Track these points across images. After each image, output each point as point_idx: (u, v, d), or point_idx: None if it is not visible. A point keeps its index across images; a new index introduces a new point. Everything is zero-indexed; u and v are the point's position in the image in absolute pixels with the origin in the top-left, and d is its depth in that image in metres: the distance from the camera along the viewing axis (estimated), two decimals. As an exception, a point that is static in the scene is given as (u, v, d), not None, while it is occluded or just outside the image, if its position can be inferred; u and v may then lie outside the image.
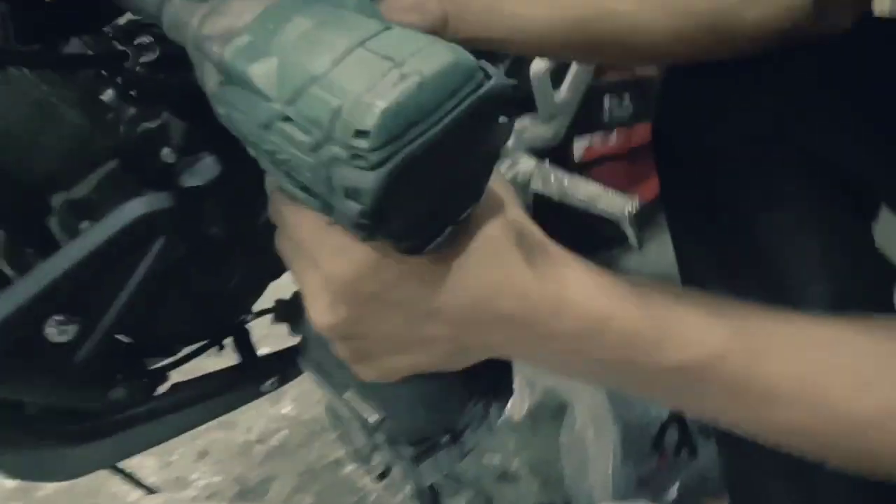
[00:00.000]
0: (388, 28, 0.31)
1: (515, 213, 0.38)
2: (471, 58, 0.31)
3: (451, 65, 0.30)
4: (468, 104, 0.31)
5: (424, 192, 0.32)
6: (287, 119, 0.30)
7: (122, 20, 0.54)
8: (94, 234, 0.48)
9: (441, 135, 0.30)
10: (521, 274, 0.37)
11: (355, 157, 0.29)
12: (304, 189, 0.32)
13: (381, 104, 0.28)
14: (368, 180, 0.29)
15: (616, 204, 0.77)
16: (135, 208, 0.49)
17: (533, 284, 0.37)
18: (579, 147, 1.08)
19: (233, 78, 0.32)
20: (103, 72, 0.54)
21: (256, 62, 0.31)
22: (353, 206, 0.30)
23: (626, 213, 0.76)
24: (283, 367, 0.66)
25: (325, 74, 0.29)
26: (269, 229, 0.60)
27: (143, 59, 0.53)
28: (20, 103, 0.50)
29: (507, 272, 0.36)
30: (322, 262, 0.35)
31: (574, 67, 0.96)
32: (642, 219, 0.79)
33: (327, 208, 0.32)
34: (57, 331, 0.47)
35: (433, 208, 0.34)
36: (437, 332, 0.38)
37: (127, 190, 0.54)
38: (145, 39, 0.52)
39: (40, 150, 0.53)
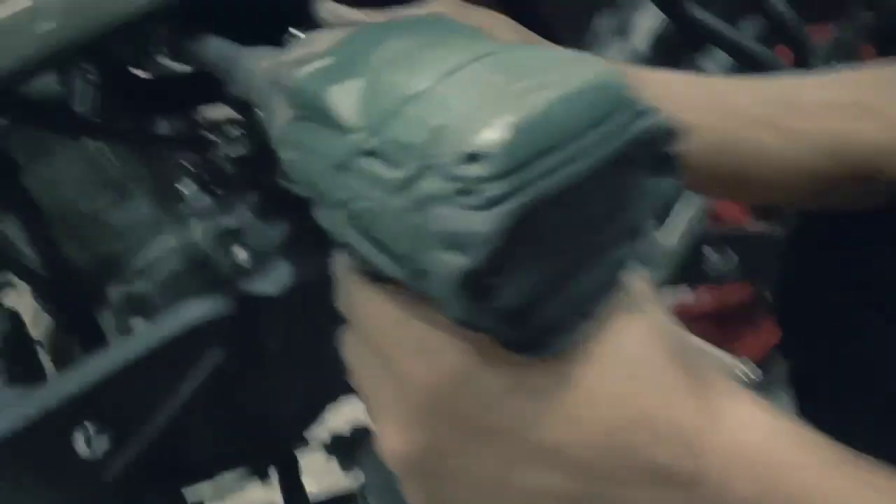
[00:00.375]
0: (514, 47, 0.25)
1: (662, 316, 0.29)
2: (626, 81, 0.24)
3: (602, 84, 0.23)
4: (622, 140, 0.23)
5: (551, 256, 0.24)
6: (370, 154, 0.23)
7: (212, 112, 0.52)
8: (146, 335, 0.42)
9: (583, 175, 0.22)
10: (680, 406, 0.27)
11: (462, 191, 0.21)
12: (385, 250, 0.24)
13: (505, 118, 0.21)
14: (480, 223, 0.21)
15: (725, 364, 0.68)
16: (195, 311, 0.43)
17: (697, 422, 0.27)
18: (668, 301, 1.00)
19: (306, 109, 0.27)
20: (183, 161, 0.51)
21: (337, 85, 0.25)
22: (454, 263, 0.22)
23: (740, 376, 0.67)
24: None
25: (427, 91, 0.23)
26: (331, 344, 0.54)
27: (230, 153, 0.50)
28: (94, 180, 0.47)
29: (660, 402, 0.27)
30: (399, 365, 0.27)
31: (688, 213, 0.88)
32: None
33: (415, 275, 0.24)
34: (87, 442, 0.41)
35: (559, 285, 0.25)
36: (550, 481, 0.28)
37: (190, 289, 0.49)
38: (234, 132, 0.49)
39: (106, 232, 0.49)
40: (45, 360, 0.45)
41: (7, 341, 0.45)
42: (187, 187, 0.51)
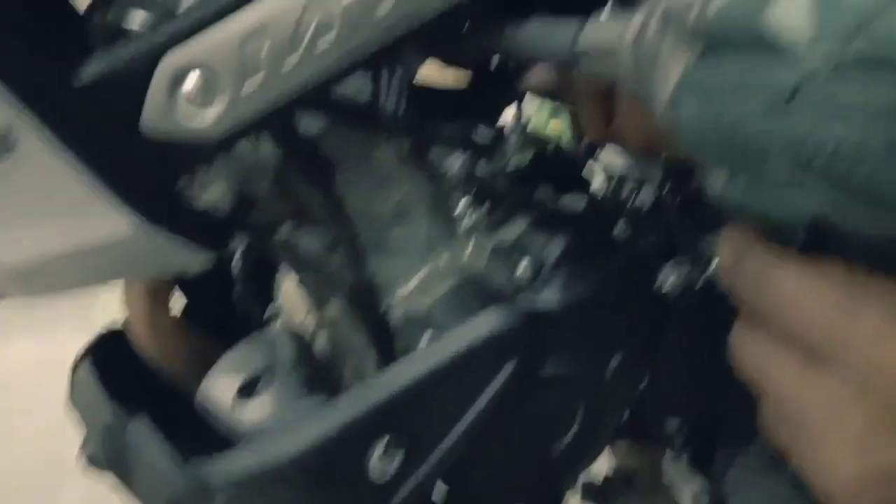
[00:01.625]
0: None
1: None
2: None
3: None
4: None
5: None
6: (836, 73, 0.19)
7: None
8: (441, 347, 0.40)
9: None
10: None
11: None
12: (874, 200, 0.19)
13: None
14: None
15: None
16: (489, 322, 0.41)
17: None
18: None
19: (722, 40, 0.22)
20: (458, 176, 0.50)
21: (773, 5, 0.20)
22: None
23: None
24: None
25: None
26: (609, 375, 0.50)
27: (509, 166, 0.48)
28: (378, 196, 0.47)
29: None
30: (854, 361, 0.21)
31: None
32: None
33: None
34: (381, 459, 0.39)
35: None
36: None
37: (468, 306, 0.47)
38: (515, 144, 0.47)
39: (386, 248, 0.48)
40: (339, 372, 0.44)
41: (302, 355, 0.45)
42: (461, 203, 0.50)
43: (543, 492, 0.51)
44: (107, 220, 0.28)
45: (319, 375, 0.43)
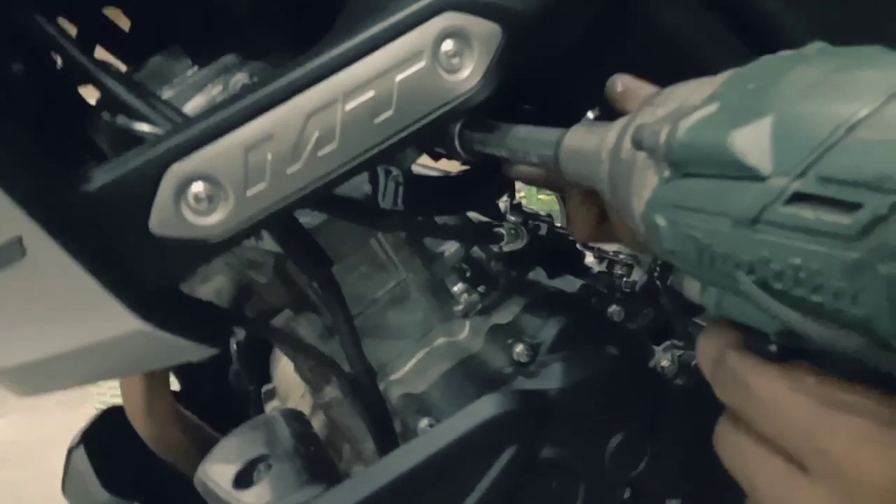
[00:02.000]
0: None
1: None
2: None
3: None
4: None
5: None
6: (797, 199, 0.19)
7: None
8: (440, 434, 0.40)
9: None
10: None
11: None
12: (823, 316, 0.20)
13: None
14: None
15: None
16: (488, 408, 0.41)
17: None
18: None
19: (690, 164, 0.23)
20: (453, 261, 0.51)
21: (739, 129, 0.21)
22: None
23: None
24: None
25: (873, 115, 0.19)
26: (619, 459, 0.49)
27: (504, 249, 0.49)
28: (376, 280, 0.48)
29: None
30: (835, 462, 0.22)
31: None
32: None
33: (874, 345, 0.19)
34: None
35: None
36: None
37: (467, 390, 0.47)
38: (514, 223, 0.48)
39: (383, 333, 0.49)
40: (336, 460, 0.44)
41: (302, 440, 0.45)
42: (456, 287, 0.50)
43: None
44: (111, 321, 0.29)
45: (317, 460, 0.43)
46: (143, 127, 0.32)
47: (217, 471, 0.45)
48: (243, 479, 0.44)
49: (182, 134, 0.29)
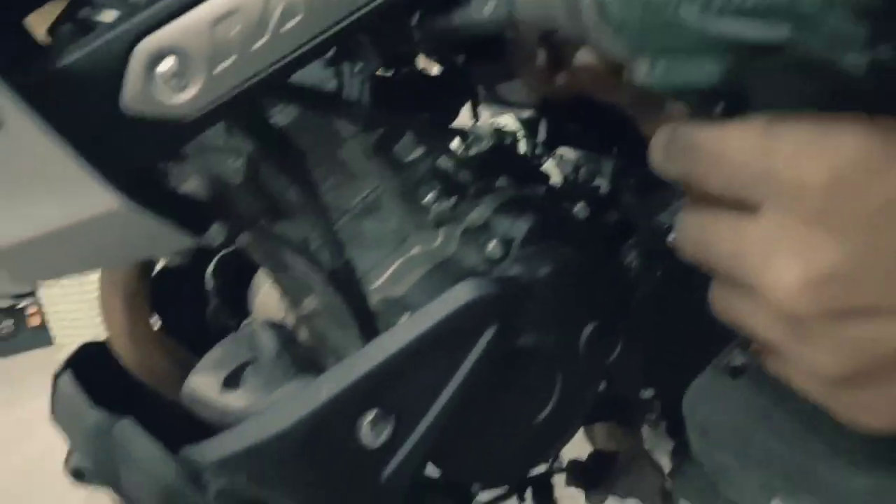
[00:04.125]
0: None
1: None
2: None
3: None
4: None
5: None
6: None
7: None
8: (422, 318, 0.42)
9: None
10: None
11: None
12: (753, 14, 0.22)
13: None
14: None
15: None
16: (466, 291, 0.42)
17: None
18: None
19: None
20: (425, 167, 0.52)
21: None
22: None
23: None
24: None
25: None
26: (593, 349, 0.51)
27: (472, 151, 0.50)
28: (349, 188, 0.49)
29: None
30: (778, 185, 0.23)
31: None
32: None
33: (800, 27, 0.21)
34: (371, 430, 0.40)
35: None
36: None
37: (446, 287, 0.49)
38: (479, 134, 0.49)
39: (359, 243, 0.50)
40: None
41: (287, 344, 0.46)
42: (427, 197, 0.52)
43: (526, 466, 0.53)
44: (91, 198, 0.30)
45: (304, 362, 0.44)
46: (108, 15, 0.32)
47: (204, 379, 0.46)
48: (231, 383, 0.45)
49: (149, 10, 0.30)
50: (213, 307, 0.70)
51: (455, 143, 0.51)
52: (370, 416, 0.40)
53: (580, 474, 0.61)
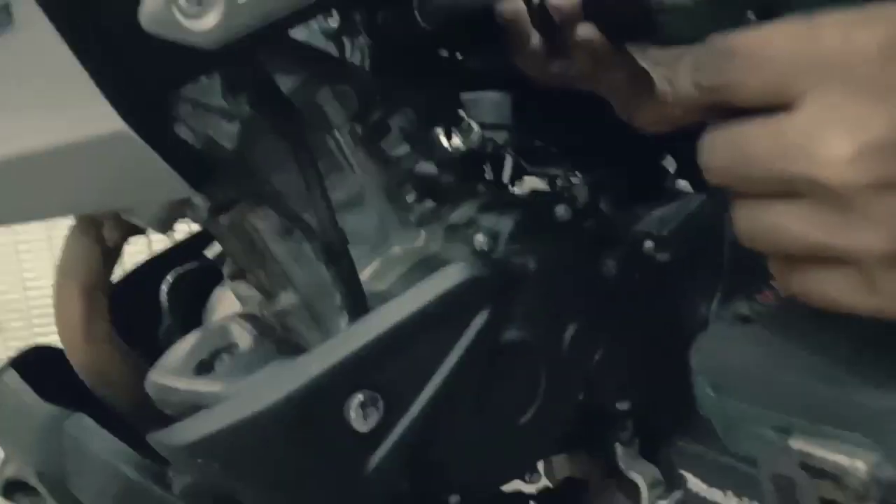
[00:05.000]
0: None
1: None
2: None
3: None
4: None
5: None
6: None
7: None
8: (414, 296, 0.40)
9: None
10: None
11: None
12: None
13: None
14: None
15: None
16: (459, 270, 0.41)
17: None
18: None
19: None
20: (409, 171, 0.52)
21: None
22: None
23: None
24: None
25: None
26: (575, 349, 0.50)
27: (452, 153, 0.51)
28: (332, 185, 0.48)
29: None
30: (830, 51, 0.23)
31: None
32: None
33: None
34: (360, 412, 0.38)
35: None
36: None
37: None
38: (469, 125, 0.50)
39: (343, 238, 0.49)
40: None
41: (264, 331, 0.43)
42: (410, 196, 0.51)
43: (505, 474, 0.50)
44: (94, 117, 0.28)
45: (286, 346, 0.42)
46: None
47: (173, 366, 0.42)
48: (205, 370, 0.41)
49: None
50: (164, 328, 0.66)
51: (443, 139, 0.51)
52: (359, 396, 0.38)
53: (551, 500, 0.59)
